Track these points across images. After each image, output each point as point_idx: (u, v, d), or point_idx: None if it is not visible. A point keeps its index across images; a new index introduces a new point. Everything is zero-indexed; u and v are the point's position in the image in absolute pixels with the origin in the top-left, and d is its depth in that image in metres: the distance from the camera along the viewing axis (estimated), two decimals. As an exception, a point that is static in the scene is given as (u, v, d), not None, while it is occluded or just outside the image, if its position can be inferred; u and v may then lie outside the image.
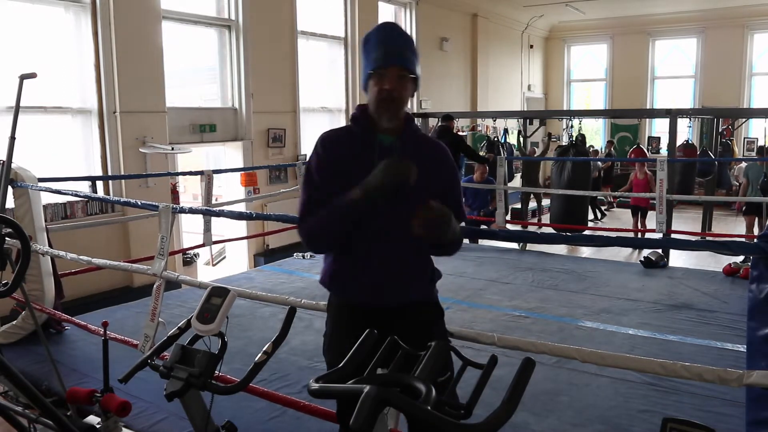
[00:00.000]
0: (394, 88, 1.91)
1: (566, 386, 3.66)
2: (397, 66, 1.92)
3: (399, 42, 1.96)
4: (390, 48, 1.93)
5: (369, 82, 1.95)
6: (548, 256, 7.64)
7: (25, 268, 2.54)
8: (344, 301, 2.08)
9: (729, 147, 11.32)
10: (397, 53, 1.93)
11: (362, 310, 2.01)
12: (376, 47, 1.94)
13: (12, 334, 4.39)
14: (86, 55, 6.26)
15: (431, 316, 2.11)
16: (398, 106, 1.95)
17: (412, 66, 1.96)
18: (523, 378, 1.30)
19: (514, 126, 10.78)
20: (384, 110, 1.93)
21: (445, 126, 7.56)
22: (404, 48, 1.96)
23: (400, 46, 1.95)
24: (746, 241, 7.05)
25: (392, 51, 1.93)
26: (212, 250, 8.28)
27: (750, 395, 2.08)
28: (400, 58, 1.93)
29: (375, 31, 1.99)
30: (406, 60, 1.94)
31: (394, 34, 1.98)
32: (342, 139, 2.03)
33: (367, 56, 1.97)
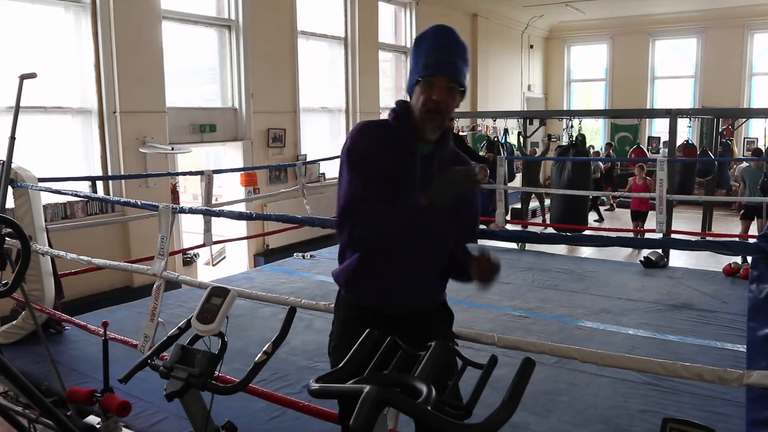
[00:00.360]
0: (442, 100, 1.83)
1: (566, 386, 3.66)
2: (448, 77, 1.83)
3: (453, 51, 1.86)
4: (443, 56, 1.84)
5: (416, 88, 1.87)
6: (548, 256, 7.64)
7: (25, 268, 2.54)
8: (356, 303, 2.03)
9: (729, 147, 11.32)
10: (449, 63, 1.84)
11: (374, 313, 1.96)
12: (428, 52, 1.85)
13: (12, 334, 4.39)
14: (86, 55, 6.26)
15: (441, 321, 2.12)
16: (443, 119, 1.88)
17: (463, 78, 1.87)
18: (523, 378, 1.30)
19: (514, 126, 10.77)
20: (429, 121, 1.87)
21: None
22: (457, 58, 1.86)
23: (453, 56, 1.85)
24: (746, 241, 7.04)
25: (445, 60, 1.83)
26: (212, 250, 8.29)
27: (750, 395, 2.08)
28: (453, 68, 1.84)
29: (430, 34, 1.89)
30: (458, 72, 1.85)
31: (448, 41, 1.87)
32: (381, 131, 1.95)
33: (416, 59, 1.88)
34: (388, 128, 1.95)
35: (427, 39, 1.88)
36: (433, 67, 1.82)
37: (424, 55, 1.85)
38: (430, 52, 1.85)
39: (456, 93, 1.87)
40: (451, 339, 2.17)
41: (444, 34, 1.89)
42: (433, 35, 1.88)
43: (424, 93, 1.84)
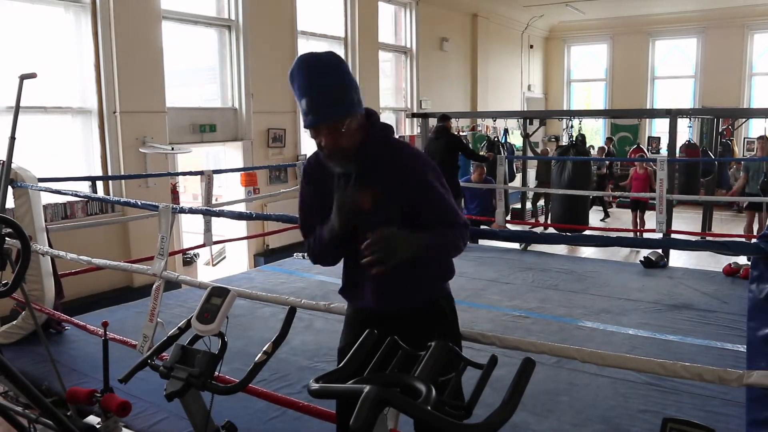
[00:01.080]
0: (331, 145, 1.85)
1: (566, 386, 3.66)
2: (327, 124, 1.82)
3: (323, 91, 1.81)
4: (315, 103, 1.81)
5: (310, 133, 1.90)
6: (548, 256, 7.64)
7: (25, 268, 2.54)
8: (353, 307, 2.18)
9: (729, 147, 11.31)
10: (322, 109, 1.81)
11: (369, 315, 2.06)
12: (300, 98, 1.84)
13: (12, 334, 4.40)
14: (86, 55, 6.26)
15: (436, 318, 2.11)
16: (342, 152, 1.87)
17: (343, 111, 1.83)
18: (523, 378, 1.30)
19: (514, 126, 10.77)
20: (329, 160, 1.92)
21: (442, 126, 7.54)
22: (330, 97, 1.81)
23: (324, 98, 1.81)
24: (746, 241, 7.05)
25: (318, 107, 1.81)
26: (212, 250, 8.29)
27: (750, 395, 2.08)
28: (328, 113, 1.81)
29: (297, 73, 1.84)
30: (335, 112, 1.81)
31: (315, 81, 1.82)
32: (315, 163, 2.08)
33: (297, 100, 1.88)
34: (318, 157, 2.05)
35: (296, 81, 1.85)
36: (311, 116, 1.82)
37: (300, 100, 1.85)
38: (303, 98, 1.83)
39: (342, 128, 1.83)
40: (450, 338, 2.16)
41: (309, 72, 1.83)
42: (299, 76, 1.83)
43: (315, 138, 1.89)
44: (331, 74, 1.83)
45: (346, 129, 1.84)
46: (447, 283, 2.18)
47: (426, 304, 2.09)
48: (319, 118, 1.82)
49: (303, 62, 1.85)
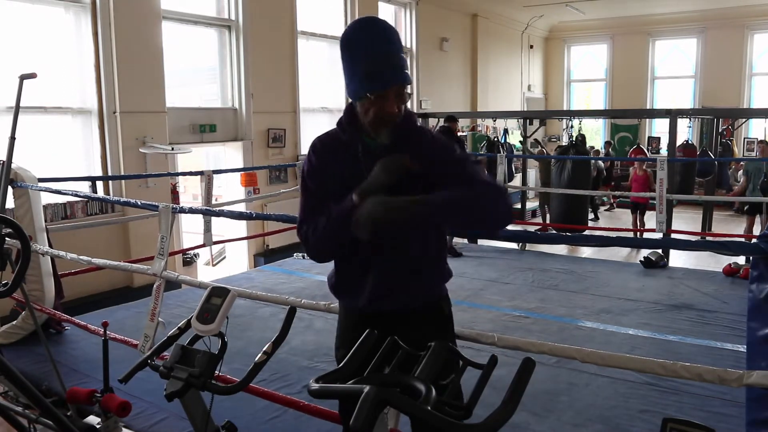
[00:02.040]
0: (397, 111, 1.76)
1: (566, 386, 3.66)
2: (397, 85, 1.75)
3: (392, 50, 1.75)
4: (386, 63, 1.73)
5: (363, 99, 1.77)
6: (548, 256, 7.64)
7: (25, 268, 2.54)
8: (345, 306, 2.10)
9: (729, 147, 11.31)
10: (395, 68, 1.73)
11: (367, 314, 1.98)
12: (368, 59, 1.73)
13: (12, 334, 4.40)
14: (86, 55, 6.26)
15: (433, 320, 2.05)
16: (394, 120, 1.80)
17: (409, 76, 1.79)
18: (523, 378, 1.30)
19: (514, 126, 10.77)
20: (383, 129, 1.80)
21: (447, 127, 7.48)
22: (398, 57, 1.75)
23: (395, 57, 1.74)
24: (746, 242, 7.04)
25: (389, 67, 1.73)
26: (212, 250, 8.29)
27: (750, 395, 2.08)
28: (400, 74, 1.74)
29: (361, 35, 1.77)
30: (404, 74, 1.76)
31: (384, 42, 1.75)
32: (331, 143, 1.94)
33: (353, 67, 1.76)
34: (337, 137, 1.93)
35: (362, 45, 1.76)
36: (380, 79, 1.72)
37: (363, 65, 1.73)
38: (370, 59, 1.73)
39: (406, 94, 1.80)
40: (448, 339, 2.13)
41: (374, 33, 1.77)
42: (364, 38, 1.76)
43: (374, 105, 1.75)
44: (395, 37, 1.79)
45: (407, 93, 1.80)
46: (445, 285, 2.12)
47: (426, 304, 2.04)
48: (392, 78, 1.73)
49: (368, 24, 1.80)
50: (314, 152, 1.94)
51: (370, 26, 1.80)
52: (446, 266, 2.09)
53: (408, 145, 1.82)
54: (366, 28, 1.79)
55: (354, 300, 2.02)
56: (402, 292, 1.96)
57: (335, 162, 1.89)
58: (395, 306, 1.98)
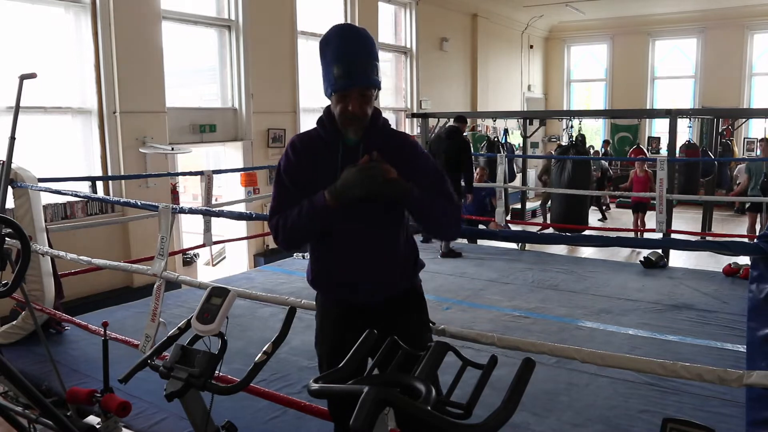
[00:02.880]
0: (357, 110, 1.91)
1: (566, 386, 3.66)
2: (359, 87, 1.89)
3: (360, 56, 1.89)
4: (351, 67, 1.87)
5: (332, 96, 1.94)
6: (548, 256, 7.64)
7: (25, 268, 2.54)
8: (324, 297, 2.19)
9: (729, 147, 11.31)
10: (358, 73, 1.87)
11: (344, 305, 2.10)
12: (335, 62, 1.88)
13: (12, 334, 4.39)
14: (86, 55, 6.26)
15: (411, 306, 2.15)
16: (363, 121, 1.96)
17: (375, 80, 1.93)
18: (523, 378, 1.30)
19: (514, 126, 10.78)
20: (348, 126, 1.96)
21: (455, 128, 7.31)
22: (365, 63, 1.89)
23: (360, 63, 1.88)
24: (746, 242, 7.05)
25: (353, 70, 1.87)
26: (212, 251, 8.29)
27: (750, 395, 2.08)
28: (363, 78, 1.88)
29: (334, 39, 1.92)
30: (368, 78, 1.90)
31: (354, 45, 1.90)
32: (310, 142, 2.07)
33: (327, 68, 1.92)
34: (317, 136, 2.07)
35: (332, 46, 1.91)
36: (344, 79, 1.88)
37: (333, 65, 1.89)
38: (338, 63, 1.88)
39: (370, 95, 1.94)
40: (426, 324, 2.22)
41: (348, 38, 1.92)
42: (337, 41, 1.92)
43: (340, 103, 1.92)
44: (367, 44, 1.93)
45: (372, 96, 1.94)
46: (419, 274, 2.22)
47: (406, 291, 2.14)
48: (355, 80, 1.87)
49: (342, 29, 1.96)
50: (293, 149, 2.07)
51: (344, 31, 1.96)
52: (419, 257, 2.20)
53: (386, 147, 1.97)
54: (340, 32, 1.94)
55: (332, 291, 2.13)
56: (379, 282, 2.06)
57: (314, 160, 2.02)
58: (374, 297, 2.06)
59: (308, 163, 2.02)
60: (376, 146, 1.98)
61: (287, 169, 2.05)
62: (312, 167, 2.02)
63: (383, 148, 1.98)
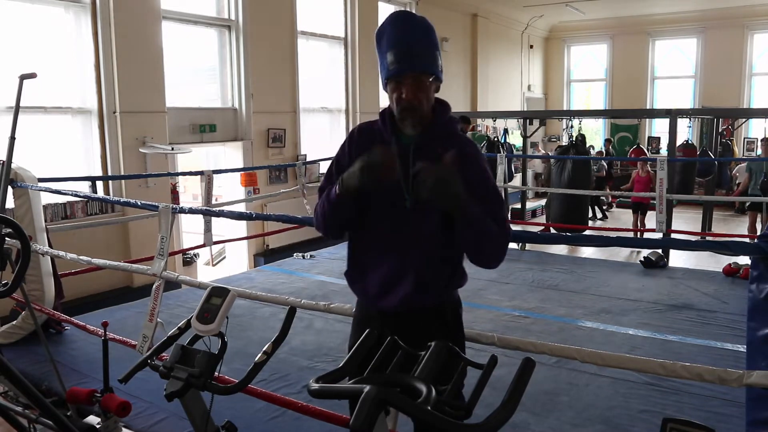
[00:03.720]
0: (412, 98, 1.80)
1: (566, 386, 3.66)
2: (414, 72, 1.80)
3: (413, 42, 1.81)
4: (403, 52, 1.79)
5: (387, 87, 1.87)
6: (548, 256, 7.65)
7: (25, 268, 2.54)
8: (361, 301, 2.10)
9: (729, 147, 11.31)
10: (411, 58, 1.79)
11: (374, 311, 2.00)
12: (389, 49, 1.81)
13: (12, 334, 4.40)
14: (86, 55, 6.25)
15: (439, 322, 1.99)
16: (420, 112, 1.84)
17: (431, 66, 1.83)
18: (523, 378, 1.30)
19: (514, 126, 10.77)
20: (405, 118, 1.85)
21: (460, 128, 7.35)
22: (420, 48, 1.81)
23: (414, 48, 1.80)
24: (746, 241, 7.04)
25: (406, 56, 1.79)
26: (212, 250, 8.29)
27: (750, 395, 2.08)
28: (417, 63, 1.79)
29: (388, 27, 1.86)
30: (423, 63, 1.81)
31: (407, 32, 1.82)
32: (369, 133, 1.98)
33: (381, 56, 1.85)
34: (377, 128, 1.98)
35: (386, 34, 1.85)
36: (397, 65, 1.80)
37: (387, 53, 1.82)
38: (391, 48, 1.81)
39: (426, 84, 1.83)
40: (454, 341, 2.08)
41: (402, 24, 1.85)
42: (390, 29, 1.86)
43: (395, 92, 1.84)
44: (425, 31, 1.85)
45: (430, 85, 1.84)
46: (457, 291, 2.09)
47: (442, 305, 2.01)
48: (408, 65, 1.79)
49: (397, 16, 1.89)
50: (350, 140, 2.01)
51: (399, 18, 1.89)
52: (460, 271, 2.06)
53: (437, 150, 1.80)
54: (395, 19, 1.89)
55: (363, 296, 2.04)
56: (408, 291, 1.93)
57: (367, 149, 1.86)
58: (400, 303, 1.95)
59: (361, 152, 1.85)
60: (429, 148, 1.85)
61: (340, 158, 1.99)
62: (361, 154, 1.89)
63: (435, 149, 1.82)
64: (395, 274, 1.94)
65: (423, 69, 1.82)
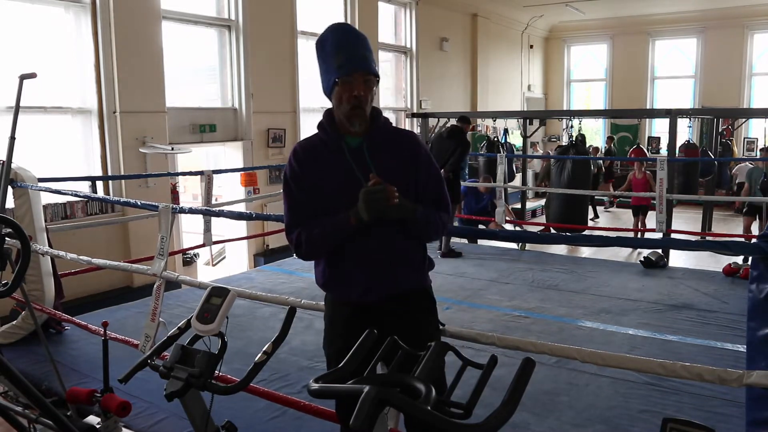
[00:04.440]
0: (363, 94, 1.95)
1: (566, 386, 3.66)
2: (362, 71, 1.94)
3: (358, 45, 1.97)
4: (352, 53, 1.94)
5: (334, 89, 1.97)
6: (548, 256, 7.65)
7: (25, 268, 2.54)
8: (333, 298, 2.18)
9: (729, 147, 11.32)
10: (360, 58, 1.95)
11: (355, 305, 2.08)
12: (336, 52, 1.95)
13: (12, 334, 4.39)
14: (86, 55, 6.26)
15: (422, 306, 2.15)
16: (366, 111, 1.99)
17: (375, 69, 2.00)
18: (523, 378, 1.30)
19: (514, 126, 10.78)
20: (355, 116, 1.98)
21: (459, 128, 7.22)
22: (365, 52, 1.98)
23: (360, 50, 1.96)
24: (746, 242, 7.05)
25: (355, 56, 1.94)
26: (212, 250, 8.29)
27: (750, 395, 2.08)
28: (364, 62, 1.95)
29: (331, 35, 2.00)
30: (369, 64, 1.97)
31: (351, 38, 1.99)
32: (313, 148, 2.08)
33: (326, 62, 1.99)
34: (318, 141, 2.08)
35: (330, 40, 1.98)
36: (347, 65, 1.93)
37: (333, 57, 1.95)
38: (338, 52, 1.95)
39: (372, 84, 1.99)
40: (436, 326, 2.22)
41: (345, 31, 2.02)
42: (335, 35, 1.99)
43: (345, 92, 1.95)
44: (365, 39, 2.02)
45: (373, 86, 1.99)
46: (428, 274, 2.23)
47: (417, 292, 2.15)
48: (358, 64, 1.94)
49: (336, 27, 2.03)
50: (295, 158, 2.09)
51: (339, 27, 2.04)
52: (428, 256, 2.21)
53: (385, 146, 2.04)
54: (335, 29, 2.02)
55: (345, 293, 2.11)
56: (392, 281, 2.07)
57: (318, 165, 2.05)
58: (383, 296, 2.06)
59: (313, 168, 2.04)
60: (377, 144, 2.03)
61: (293, 177, 2.07)
62: (317, 172, 2.04)
63: (385, 145, 2.05)
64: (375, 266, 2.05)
65: (371, 70, 1.97)
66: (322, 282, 2.18)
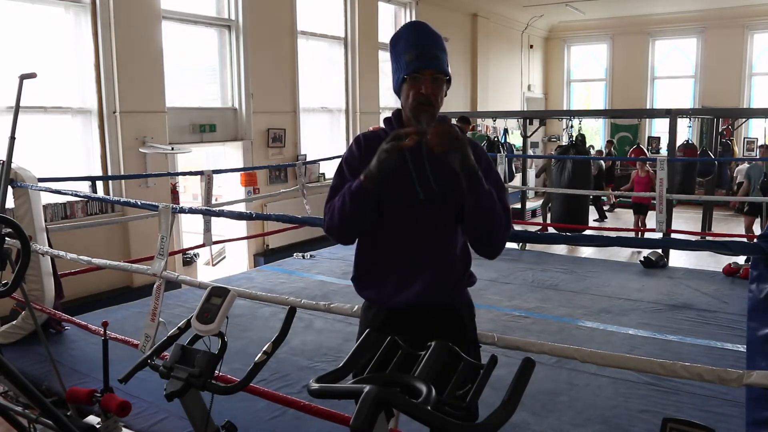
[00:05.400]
0: (431, 92, 1.89)
1: (566, 386, 3.66)
2: (432, 69, 1.89)
3: (431, 43, 1.93)
4: (423, 51, 1.90)
5: (403, 86, 1.93)
6: (548, 256, 7.65)
7: (25, 268, 2.54)
8: (368, 301, 2.10)
9: (729, 147, 11.31)
10: (431, 56, 1.90)
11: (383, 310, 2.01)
12: (408, 49, 1.91)
13: (12, 334, 4.40)
14: (86, 55, 6.26)
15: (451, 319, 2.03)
16: (434, 109, 1.92)
17: (446, 67, 1.94)
18: (523, 378, 1.30)
19: (514, 126, 10.77)
20: (420, 111, 1.91)
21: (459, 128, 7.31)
22: (437, 50, 1.93)
23: (433, 48, 1.92)
24: (746, 241, 7.05)
25: (426, 54, 1.90)
26: (212, 250, 8.29)
27: (750, 395, 2.08)
28: (435, 60, 1.90)
29: (405, 32, 1.97)
30: (441, 62, 1.92)
31: (425, 35, 1.95)
32: (375, 139, 2.01)
33: (398, 59, 1.94)
34: (383, 134, 2.00)
35: (404, 37, 1.95)
36: (416, 62, 1.89)
37: (404, 53, 1.91)
38: (410, 48, 1.91)
39: (442, 83, 1.93)
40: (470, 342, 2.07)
41: (419, 29, 1.98)
42: (408, 32, 1.96)
43: (413, 89, 1.90)
44: (440, 38, 1.97)
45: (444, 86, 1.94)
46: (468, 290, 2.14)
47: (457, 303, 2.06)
48: (428, 62, 1.90)
49: (413, 24, 2.03)
50: (357, 145, 2.05)
51: (415, 26, 2.02)
52: (470, 271, 2.12)
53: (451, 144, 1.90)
54: (412, 27, 2.01)
55: (376, 294, 2.04)
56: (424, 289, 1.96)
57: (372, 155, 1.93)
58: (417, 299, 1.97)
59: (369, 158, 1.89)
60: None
61: (348, 160, 2.02)
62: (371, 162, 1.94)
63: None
64: (411, 269, 1.97)
65: (441, 68, 1.92)
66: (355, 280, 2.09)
